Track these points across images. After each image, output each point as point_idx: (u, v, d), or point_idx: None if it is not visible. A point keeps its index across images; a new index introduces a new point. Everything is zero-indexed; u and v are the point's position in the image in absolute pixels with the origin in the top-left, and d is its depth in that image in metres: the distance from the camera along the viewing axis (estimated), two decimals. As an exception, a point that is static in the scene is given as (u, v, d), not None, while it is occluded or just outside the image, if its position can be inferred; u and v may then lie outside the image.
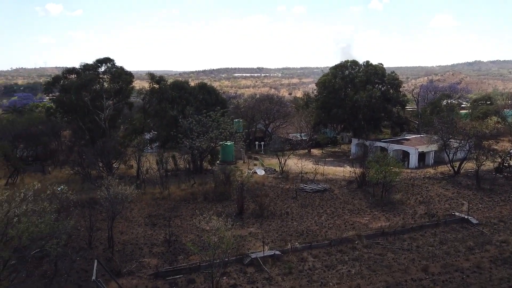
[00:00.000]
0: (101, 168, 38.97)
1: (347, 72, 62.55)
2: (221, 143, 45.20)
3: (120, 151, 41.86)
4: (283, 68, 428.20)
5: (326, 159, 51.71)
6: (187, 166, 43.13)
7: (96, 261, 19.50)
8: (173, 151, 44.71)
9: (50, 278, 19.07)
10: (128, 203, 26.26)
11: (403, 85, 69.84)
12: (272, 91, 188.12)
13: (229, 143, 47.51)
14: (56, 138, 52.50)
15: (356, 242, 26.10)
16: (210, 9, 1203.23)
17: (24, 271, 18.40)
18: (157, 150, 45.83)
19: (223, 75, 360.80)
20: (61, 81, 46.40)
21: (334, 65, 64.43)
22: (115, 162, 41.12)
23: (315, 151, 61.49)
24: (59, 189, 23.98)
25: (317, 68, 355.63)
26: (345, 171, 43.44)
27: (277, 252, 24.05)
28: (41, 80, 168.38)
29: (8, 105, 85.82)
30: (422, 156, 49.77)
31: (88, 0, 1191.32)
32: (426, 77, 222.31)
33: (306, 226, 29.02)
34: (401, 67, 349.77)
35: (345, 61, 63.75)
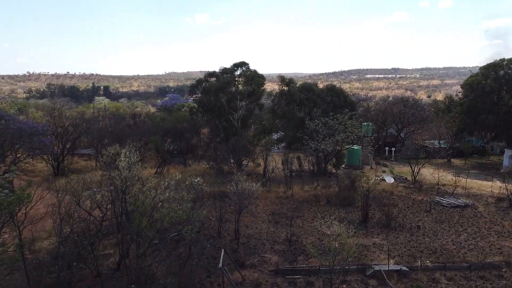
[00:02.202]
0: (232, 164, 41.86)
1: (502, 72, 54.02)
2: (347, 146, 43.87)
3: (249, 150, 44.28)
4: (422, 69, 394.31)
5: (470, 171, 45.52)
6: (311, 168, 43.14)
7: (223, 250, 20.91)
8: (299, 152, 45.21)
9: (184, 260, 21.19)
10: (254, 199, 27.49)
11: None
12: (408, 93, 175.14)
13: (356, 147, 45.79)
14: (196, 135, 58.54)
15: (504, 269, 22.20)
16: (345, 10, 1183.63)
17: (164, 250, 20.85)
18: (283, 150, 47.04)
19: (354, 77, 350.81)
20: (203, 84, 51.41)
21: (485, 64, 56.32)
22: (244, 159, 43.67)
23: (456, 161, 54.80)
24: (196, 180, 26.52)
25: (464, 68, 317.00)
26: (493, 186, 37.53)
27: (404, 268, 22.09)
28: (187, 83, 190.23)
29: (161, 105, 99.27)
30: None
31: (232, 10, 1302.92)
32: None
33: (441, 244, 25.94)
34: None
35: (499, 59, 55.13)
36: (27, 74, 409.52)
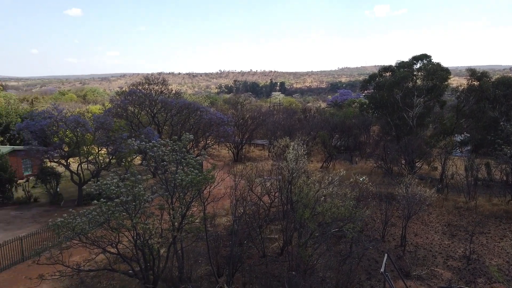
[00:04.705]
0: (403, 165, 38.92)
1: None
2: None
3: (425, 151, 40.27)
4: None
5: None
6: (504, 178, 36.21)
7: (386, 255, 19.69)
8: (488, 158, 38.66)
9: (344, 258, 20.89)
10: (426, 205, 25.00)
11: None
12: None
13: None
14: (365, 131, 56.79)
15: None
16: None
17: (324, 244, 20.99)
18: (467, 155, 41.05)
19: None
20: (376, 79, 49.20)
21: None
22: (418, 161, 40.01)
23: None
24: (361, 179, 25.77)
25: None
26: None
27: None
28: (360, 78, 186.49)
29: (331, 100, 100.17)
30: None
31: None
32: None
33: None
34: None
35: None
36: (219, 72, 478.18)
